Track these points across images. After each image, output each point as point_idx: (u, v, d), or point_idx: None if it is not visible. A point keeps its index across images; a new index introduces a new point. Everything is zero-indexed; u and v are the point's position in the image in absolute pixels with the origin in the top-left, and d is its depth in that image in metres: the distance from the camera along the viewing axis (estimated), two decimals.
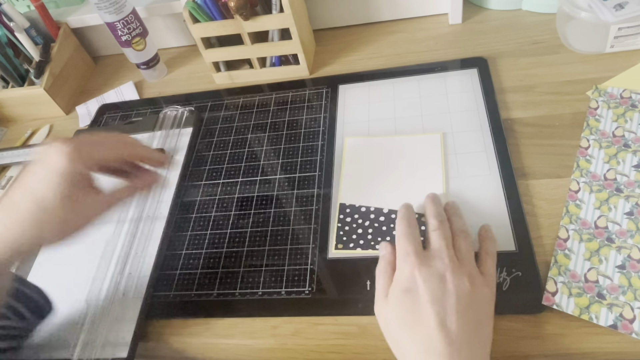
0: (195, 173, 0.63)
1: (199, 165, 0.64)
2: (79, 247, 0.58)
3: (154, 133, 0.68)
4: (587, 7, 0.60)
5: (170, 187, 0.61)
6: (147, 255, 0.55)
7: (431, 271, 0.40)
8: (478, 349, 0.38)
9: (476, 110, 0.60)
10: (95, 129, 0.74)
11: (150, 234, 0.57)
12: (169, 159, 0.59)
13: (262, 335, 0.48)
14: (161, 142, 0.66)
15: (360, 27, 0.79)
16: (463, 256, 0.42)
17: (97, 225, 0.42)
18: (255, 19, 0.66)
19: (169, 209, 0.59)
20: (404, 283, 0.41)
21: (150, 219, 0.58)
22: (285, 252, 0.53)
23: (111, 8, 0.70)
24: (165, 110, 0.71)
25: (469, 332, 0.38)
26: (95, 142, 0.42)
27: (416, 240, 0.43)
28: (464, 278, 0.40)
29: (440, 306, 0.38)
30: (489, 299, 0.41)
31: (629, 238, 0.45)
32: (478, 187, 0.53)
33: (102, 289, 0.53)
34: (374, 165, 0.57)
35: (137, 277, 0.53)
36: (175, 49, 0.87)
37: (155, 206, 0.59)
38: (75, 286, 0.55)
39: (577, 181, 0.51)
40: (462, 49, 0.70)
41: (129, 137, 0.46)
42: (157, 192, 0.60)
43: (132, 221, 0.58)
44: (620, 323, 0.41)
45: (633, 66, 0.59)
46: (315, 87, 0.70)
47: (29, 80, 0.78)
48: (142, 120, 0.71)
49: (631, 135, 0.52)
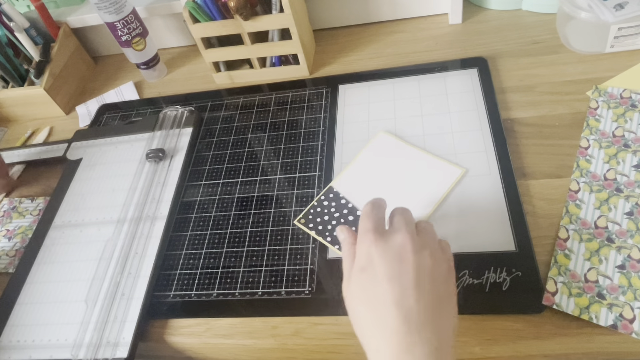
0: (195, 173, 0.63)
1: (199, 165, 0.64)
2: (78, 247, 0.58)
3: (154, 133, 0.68)
4: (587, 7, 0.60)
5: (170, 187, 0.61)
6: (147, 255, 0.55)
7: (388, 246, 0.38)
8: (440, 326, 0.35)
9: (476, 110, 0.60)
10: (95, 129, 0.74)
11: (150, 234, 0.57)
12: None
13: (262, 335, 0.48)
14: (161, 142, 0.66)
15: (360, 27, 0.79)
16: (423, 231, 0.40)
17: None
18: (255, 19, 0.66)
19: (168, 208, 0.59)
20: (361, 261, 0.39)
21: (150, 219, 0.58)
22: (285, 252, 0.53)
23: (111, 8, 0.70)
24: (165, 110, 0.71)
25: (429, 308, 0.35)
26: None
27: (378, 220, 0.41)
28: (424, 252, 0.38)
29: (397, 282, 0.36)
30: (450, 275, 0.39)
31: (629, 238, 0.45)
32: (478, 187, 0.53)
33: (102, 289, 0.53)
34: (385, 167, 0.57)
35: (137, 277, 0.53)
36: (175, 49, 0.87)
37: (155, 206, 0.59)
38: (74, 287, 0.55)
39: (577, 181, 0.51)
40: (462, 49, 0.70)
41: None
42: (157, 192, 0.61)
43: (132, 221, 0.58)
44: (620, 323, 0.41)
45: (633, 66, 0.59)
46: (315, 87, 0.70)
47: (29, 80, 0.78)
48: (142, 120, 0.71)
49: (631, 135, 0.52)
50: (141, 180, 0.63)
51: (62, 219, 0.62)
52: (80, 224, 0.61)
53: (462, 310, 0.44)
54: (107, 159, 0.67)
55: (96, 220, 0.60)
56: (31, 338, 0.51)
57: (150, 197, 0.60)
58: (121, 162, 0.66)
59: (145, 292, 0.52)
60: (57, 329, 0.52)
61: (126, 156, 0.67)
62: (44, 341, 0.51)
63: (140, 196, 0.61)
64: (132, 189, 0.62)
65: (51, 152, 0.71)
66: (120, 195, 0.62)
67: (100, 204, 0.62)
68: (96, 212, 0.61)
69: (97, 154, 0.68)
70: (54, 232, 0.61)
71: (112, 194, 0.63)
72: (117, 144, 0.69)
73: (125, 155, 0.67)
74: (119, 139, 0.69)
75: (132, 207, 0.60)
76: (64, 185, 0.66)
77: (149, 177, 0.63)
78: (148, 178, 0.63)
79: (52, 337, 0.51)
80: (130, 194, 0.62)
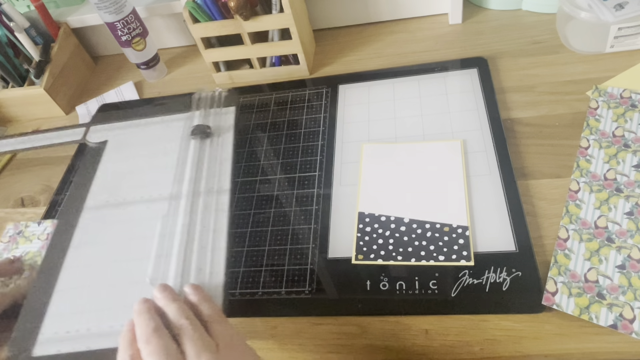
0: None
1: None
2: (124, 226, 0.55)
3: (193, 112, 0.65)
4: (587, 7, 0.60)
5: (226, 162, 0.58)
6: (216, 229, 0.52)
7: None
8: None
9: (476, 110, 0.60)
10: (114, 113, 0.72)
11: (217, 207, 0.54)
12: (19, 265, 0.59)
13: (262, 336, 0.48)
14: (202, 121, 0.64)
15: (360, 27, 0.79)
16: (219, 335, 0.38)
17: None
18: (255, 19, 0.66)
19: (229, 182, 0.56)
20: None
21: (214, 192, 0.56)
22: (285, 252, 0.53)
23: (111, 8, 0.70)
24: (199, 92, 0.68)
25: None
26: None
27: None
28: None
29: None
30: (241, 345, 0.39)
31: (629, 238, 0.45)
32: (478, 187, 0.53)
33: (170, 266, 0.49)
34: (394, 172, 0.56)
35: (214, 250, 0.50)
36: (175, 49, 0.87)
37: (215, 180, 0.57)
38: (128, 267, 0.50)
39: (577, 181, 0.51)
40: (462, 49, 0.70)
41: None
42: (213, 167, 0.58)
43: (189, 196, 0.56)
44: (620, 323, 0.41)
45: (633, 66, 0.59)
46: (315, 87, 0.70)
47: (29, 80, 0.78)
48: (172, 102, 0.68)
49: (631, 135, 0.52)
50: (189, 157, 0.60)
51: (95, 201, 0.59)
52: (122, 203, 0.58)
53: (462, 310, 0.45)
54: (138, 139, 0.65)
55: (141, 198, 0.57)
56: (85, 326, 0.46)
57: (204, 173, 0.57)
58: (158, 141, 0.63)
59: (225, 266, 0.48)
60: (116, 313, 0.47)
61: (163, 135, 0.64)
62: (104, 328, 0.46)
63: (192, 172, 0.58)
64: (179, 166, 0.59)
65: (66, 136, 0.69)
66: (167, 172, 0.59)
67: (143, 182, 0.59)
68: (140, 190, 0.58)
69: (123, 136, 0.66)
70: (88, 213, 0.57)
71: (156, 171, 0.60)
72: (147, 125, 0.66)
73: (162, 135, 0.64)
74: (147, 120, 0.67)
75: (186, 183, 0.57)
76: (90, 167, 0.63)
77: (196, 154, 0.60)
78: (195, 154, 0.60)
79: (113, 323, 0.46)
80: (179, 170, 0.59)
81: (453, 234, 0.49)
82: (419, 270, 0.48)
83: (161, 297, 0.41)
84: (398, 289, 0.47)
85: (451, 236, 0.49)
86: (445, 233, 0.50)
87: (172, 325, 0.38)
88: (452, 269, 0.47)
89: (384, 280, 0.48)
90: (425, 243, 0.49)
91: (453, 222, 0.50)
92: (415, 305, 0.46)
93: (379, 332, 0.45)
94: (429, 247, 0.49)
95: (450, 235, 0.49)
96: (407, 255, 0.49)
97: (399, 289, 0.47)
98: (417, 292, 0.46)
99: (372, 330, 0.46)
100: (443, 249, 0.49)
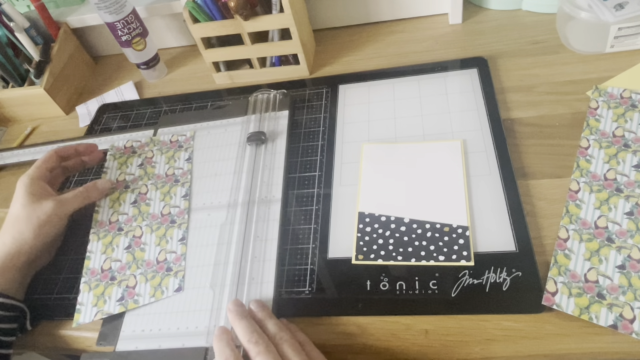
0: None
1: None
2: (188, 234, 0.56)
3: (249, 117, 0.66)
4: (587, 7, 0.60)
5: (278, 170, 0.60)
6: (268, 239, 0.54)
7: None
8: None
9: (476, 110, 0.60)
10: (173, 116, 0.72)
11: (268, 217, 0.56)
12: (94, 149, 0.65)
13: None
14: (257, 126, 0.64)
15: (360, 27, 0.79)
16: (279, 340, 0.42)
17: None
18: (255, 19, 0.66)
19: (281, 191, 0.58)
20: None
21: (265, 202, 0.57)
22: (285, 252, 0.53)
23: (111, 8, 0.70)
24: (256, 94, 0.69)
25: None
26: (37, 165, 0.57)
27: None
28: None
29: None
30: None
31: (629, 238, 0.45)
32: (478, 187, 0.53)
33: (227, 274, 0.52)
34: (394, 172, 0.56)
35: (264, 261, 0.52)
36: (175, 49, 0.87)
37: (267, 189, 0.58)
38: (193, 273, 0.53)
39: (577, 181, 0.51)
40: (462, 49, 0.70)
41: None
42: (265, 175, 0.59)
43: (244, 205, 0.57)
44: (620, 323, 0.41)
45: (633, 66, 0.59)
46: (315, 87, 0.70)
47: (29, 80, 0.78)
48: (232, 105, 0.69)
49: (631, 135, 0.52)
50: (245, 164, 0.60)
51: None
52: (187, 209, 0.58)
53: (462, 310, 0.45)
54: (201, 144, 0.65)
55: (203, 205, 0.58)
56: (157, 327, 0.50)
57: (259, 181, 0.58)
58: (219, 147, 0.64)
59: (275, 275, 0.51)
60: (184, 316, 0.50)
61: (223, 140, 0.64)
62: (172, 330, 0.49)
63: (248, 180, 0.58)
64: (237, 172, 0.60)
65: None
66: (226, 179, 0.60)
67: (205, 188, 0.60)
68: (202, 197, 0.59)
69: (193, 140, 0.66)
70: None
71: (216, 179, 0.60)
72: (209, 129, 0.66)
73: (222, 140, 0.64)
74: (209, 124, 0.67)
75: (242, 190, 0.58)
76: None
77: (252, 161, 0.61)
78: (251, 161, 0.60)
79: (180, 325, 0.49)
80: (236, 177, 0.59)
81: (453, 234, 0.49)
82: (419, 270, 0.48)
83: (231, 314, 0.45)
84: (398, 289, 0.47)
85: (451, 236, 0.49)
86: (446, 233, 0.50)
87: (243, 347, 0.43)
88: (452, 269, 0.47)
89: (384, 280, 0.48)
90: (425, 243, 0.49)
91: (453, 222, 0.50)
92: (415, 305, 0.46)
93: (379, 332, 0.45)
94: (429, 247, 0.49)
95: (450, 235, 0.49)
96: (407, 255, 0.49)
97: (399, 289, 0.47)
98: (417, 292, 0.46)
99: (372, 330, 0.46)
100: (443, 249, 0.49)
